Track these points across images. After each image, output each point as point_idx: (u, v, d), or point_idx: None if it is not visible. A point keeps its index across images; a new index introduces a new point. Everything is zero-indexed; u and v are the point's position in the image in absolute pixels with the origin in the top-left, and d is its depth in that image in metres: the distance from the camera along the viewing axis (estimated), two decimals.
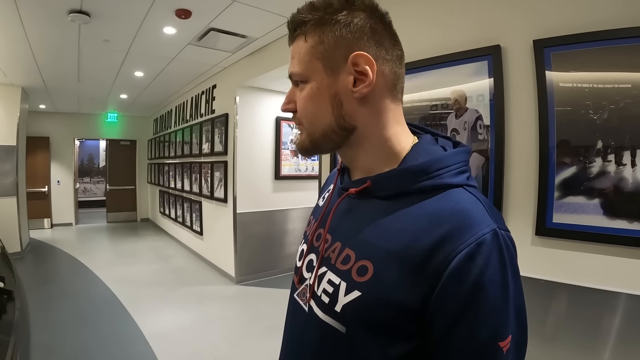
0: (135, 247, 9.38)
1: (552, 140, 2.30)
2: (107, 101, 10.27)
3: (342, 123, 0.88)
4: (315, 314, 0.89)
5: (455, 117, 2.79)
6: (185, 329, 4.71)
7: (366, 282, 0.79)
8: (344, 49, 0.85)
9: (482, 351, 0.71)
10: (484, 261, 0.71)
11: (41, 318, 4.87)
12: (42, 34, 4.93)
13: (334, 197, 1.03)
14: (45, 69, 6.76)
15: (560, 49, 2.27)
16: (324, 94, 0.87)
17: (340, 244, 0.90)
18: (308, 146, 0.93)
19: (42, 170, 11.31)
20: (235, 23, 4.57)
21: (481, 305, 0.71)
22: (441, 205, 0.79)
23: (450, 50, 2.85)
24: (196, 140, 8.07)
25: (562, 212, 2.27)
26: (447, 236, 0.73)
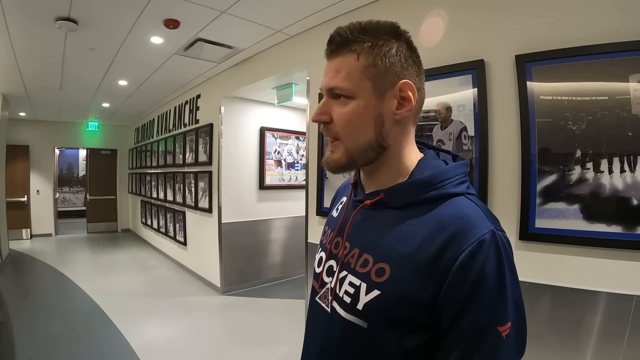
0: (118, 258, 9.30)
1: (533, 149, 2.42)
2: (88, 110, 10.21)
3: (380, 141, 0.98)
4: (337, 314, 1.01)
5: (441, 129, 2.89)
6: (173, 340, 4.69)
7: (384, 282, 0.92)
8: (393, 75, 0.96)
9: (483, 335, 0.83)
10: (484, 257, 0.83)
11: (25, 332, 4.80)
12: (27, 41, 4.92)
13: (349, 209, 1.13)
14: (28, 76, 6.71)
15: (541, 64, 2.40)
16: (369, 112, 0.96)
17: (359, 250, 1.01)
18: (344, 162, 1.00)
19: (21, 180, 11.17)
20: (223, 34, 4.62)
21: (481, 293, 0.83)
22: (446, 212, 0.91)
23: (436, 64, 2.95)
24: (179, 150, 8.06)
25: (544, 217, 2.38)
26: (452, 238, 0.86)
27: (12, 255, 9.03)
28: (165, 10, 3.95)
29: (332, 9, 3.78)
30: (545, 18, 2.42)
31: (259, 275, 7.00)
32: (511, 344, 0.85)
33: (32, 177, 11.48)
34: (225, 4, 3.77)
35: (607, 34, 2.17)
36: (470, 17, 2.81)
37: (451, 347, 0.86)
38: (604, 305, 2.17)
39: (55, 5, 3.87)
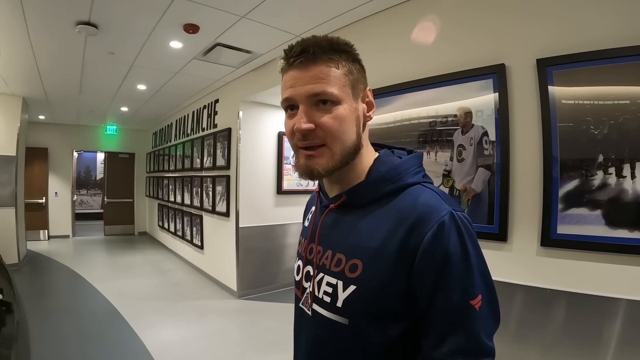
0: (134, 260, 9.35)
1: (555, 154, 2.40)
2: (106, 113, 10.30)
3: (359, 143, 1.05)
4: (319, 315, 1.07)
5: (462, 133, 2.88)
6: (189, 344, 4.69)
7: (358, 276, 0.99)
8: (362, 83, 1.07)
9: (458, 311, 0.91)
10: (446, 238, 0.91)
11: (41, 331, 4.83)
12: (48, 45, 4.98)
13: (317, 216, 1.20)
14: (47, 79, 6.80)
15: (562, 68, 2.37)
16: (352, 116, 1.02)
17: (331, 252, 1.08)
18: (332, 166, 1.02)
19: (39, 182, 11.31)
20: (242, 39, 4.64)
21: (449, 272, 0.91)
22: (405, 202, 1.00)
23: (456, 69, 2.95)
24: (197, 154, 8.09)
25: (566, 223, 2.36)
26: (414, 226, 0.94)
27: (30, 256, 9.11)
28: (185, 15, 3.97)
29: (351, 14, 3.80)
30: (566, 21, 2.40)
31: (275, 280, 6.98)
32: (485, 315, 0.93)
33: (50, 179, 11.62)
34: (244, 9, 3.80)
35: (629, 37, 2.15)
36: (490, 21, 2.80)
37: (430, 327, 0.93)
38: (624, 313, 2.14)
39: (75, 9, 3.91)
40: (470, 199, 2.83)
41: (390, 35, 3.56)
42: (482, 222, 2.75)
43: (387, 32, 3.60)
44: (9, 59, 5.63)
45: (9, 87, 7.35)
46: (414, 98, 3.26)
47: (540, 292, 2.43)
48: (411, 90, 3.28)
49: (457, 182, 2.92)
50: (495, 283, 2.44)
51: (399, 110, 3.38)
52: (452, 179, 2.95)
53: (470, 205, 2.84)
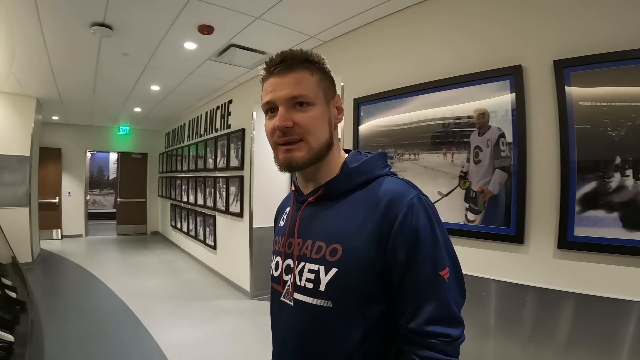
0: (147, 260, 9.40)
1: (572, 156, 2.38)
2: (119, 114, 10.37)
3: (330, 140, 1.19)
4: (302, 303, 1.14)
5: (478, 135, 2.87)
6: (202, 343, 4.70)
7: (339, 259, 1.08)
8: (332, 90, 1.21)
9: (430, 281, 1.03)
10: (415, 216, 1.04)
11: (55, 330, 4.86)
12: (62, 46, 5.01)
13: (294, 212, 1.28)
14: (62, 80, 6.85)
15: (580, 69, 2.36)
16: (325, 116, 1.17)
17: (311, 241, 1.16)
18: (308, 158, 1.14)
19: (53, 182, 11.43)
20: (256, 40, 4.65)
21: (420, 246, 1.03)
22: (378, 189, 1.12)
23: (473, 70, 2.95)
24: (211, 155, 8.11)
25: (582, 225, 2.35)
26: (387, 208, 1.06)
27: (43, 255, 9.18)
28: (199, 16, 3.99)
29: (365, 15, 3.79)
30: (583, 22, 2.39)
31: None
32: (453, 286, 1.06)
33: (63, 179, 11.75)
34: (259, 10, 3.81)
35: None
36: (507, 23, 2.79)
37: (405, 303, 1.04)
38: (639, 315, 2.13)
39: (90, 11, 3.94)
40: (487, 201, 2.82)
41: (406, 37, 3.56)
42: (499, 224, 2.75)
43: (403, 33, 3.60)
44: (23, 60, 5.68)
45: (23, 88, 7.41)
46: (430, 99, 3.26)
47: (556, 294, 2.42)
48: (427, 91, 3.27)
49: (474, 184, 2.91)
50: (511, 285, 2.44)
51: (414, 111, 3.38)
52: (469, 181, 2.95)
53: (487, 207, 2.83)
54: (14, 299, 4.99)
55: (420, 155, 3.31)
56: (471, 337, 2.84)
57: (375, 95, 3.76)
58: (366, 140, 3.85)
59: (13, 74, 6.42)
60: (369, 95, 3.84)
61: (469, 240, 2.96)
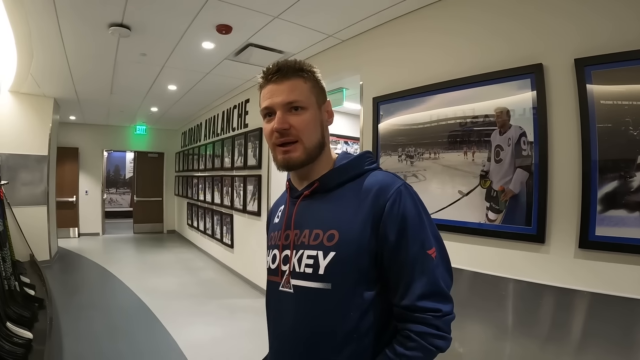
0: (163, 258, 9.47)
1: (594, 155, 2.35)
2: (136, 114, 10.45)
3: (322, 141, 1.31)
4: (302, 287, 1.22)
5: (499, 134, 2.84)
6: (219, 342, 4.72)
7: (336, 243, 1.17)
8: (323, 95, 1.33)
9: (419, 258, 1.14)
10: (404, 201, 1.17)
11: (73, 327, 4.89)
12: (80, 47, 5.05)
13: (290, 206, 1.37)
14: (79, 81, 6.90)
15: (601, 67, 2.33)
16: (317, 119, 1.28)
17: (309, 230, 1.26)
18: (304, 158, 1.25)
19: (70, 181, 11.56)
20: (274, 39, 4.64)
21: (408, 228, 1.14)
22: (368, 181, 1.24)
23: (493, 68, 2.92)
24: (227, 154, 8.14)
25: (604, 225, 2.32)
26: (378, 195, 1.18)
27: (60, 253, 9.29)
28: (218, 15, 4.00)
29: (385, 13, 3.77)
30: (604, 20, 2.36)
31: None
32: (440, 264, 1.17)
33: (81, 178, 11.88)
34: (277, 9, 3.81)
35: None
36: (528, 21, 2.76)
37: (398, 278, 1.15)
38: None
39: (109, 11, 3.97)
40: (508, 200, 2.79)
41: (426, 34, 3.54)
42: (520, 223, 2.72)
43: (422, 31, 3.58)
44: (41, 61, 5.72)
45: (40, 88, 7.47)
46: (450, 98, 3.23)
47: (577, 294, 2.39)
48: (447, 90, 3.25)
49: (495, 183, 2.88)
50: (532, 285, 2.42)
51: (435, 110, 3.36)
52: (490, 180, 2.92)
53: (508, 207, 2.80)
54: (32, 297, 5.09)
55: (440, 154, 3.29)
56: (491, 337, 2.84)
57: (394, 94, 3.74)
58: (386, 139, 3.83)
59: (31, 74, 6.47)
60: (388, 94, 3.81)
61: (490, 240, 2.94)
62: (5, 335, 3.48)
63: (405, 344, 1.11)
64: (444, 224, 3.19)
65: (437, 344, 1.10)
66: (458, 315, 1.19)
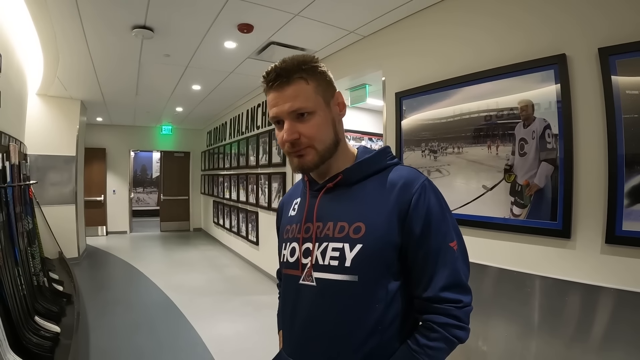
0: (190, 255, 9.56)
1: (620, 147, 2.29)
2: (162, 114, 10.57)
3: (337, 138, 1.27)
4: (327, 280, 1.20)
5: (524, 127, 2.79)
6: (245, 337, 4.74)
7: (363, 235, 1.17)
8: (331, 89, 1.27)
9: (442, 250, 1.15)
10: (427, 195, 1.18)
11: (100, 322, 4.99)
12: (105, 49, 5.12)
13: (311, 199, 1.35)
14: (105, 83, 7.01)
15: (626, 56, 2.26)
16: (327, 119, 1.24)
17: (332, 222, 1.24)
18: (318, 160, 1.23)
19: (98, 180, 11.77)
20: (296, 36, 4.64)
21: (432, 222, 1.16)
22: (393, 175, 1.25)
23: (515, 60, 2.87)
24: (252, 152, 8.16)
25: (631, 219, 2.25)
26: (403, 189, 1.19)
27: (89, 250, 9.49)
28: (239, 15, 4.01)
29: (406, 7, 3.73)
30: (627, 7, 2.29)
31: None
32: (460, 257, 1.19)
33: (108, 178, 12.11)
34: (298, 7, 3.80)
35: None
36: (549, 10, 2.70)
37: (421, 270, 1.16)
38: None
39: (131, 14, 4.02)
40: (533, 195, 2.74)
41: (447, 27, 3.50)
42: (545, 218, 2.67)
43: (443, 24, 3.53)
44: (67, 64, 5.82)
45: (67, 91, 7.62)
46: (473, 91, 3.19)
47: (604, 291, 2.33)
48: (470, 83, 3.21)
49: (520, 177, 2.83)
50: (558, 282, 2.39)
51: (458, 104, 3.31)
52: (514, 174, 2.87)
53: (533, 201, 2.75)
54: (60, 292, 5.21)
55: (464, 149, 3.25)
56: (515, 334, 2.79)
57: (416, 89, 3.70)
58: (409, 135, 3.80)
59: (58, 78, 6.59)
60: (410, 88, 3.78)
61: (515, 235, 2.88)
62: (33, 328, 3.54)
63: (428, 335, 1.12)
64: (468, 219, 3.16)
65: (458, 335, 1.12)
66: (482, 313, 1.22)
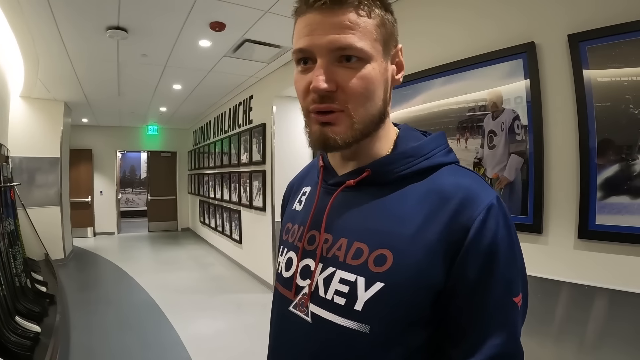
0: (176, 255, 9.55)
1: (592, 137, 2.22)
2: (147, 114, 10.52)
3: (385, 110, 0.87)
4: (325, 321, 0.84)
5: (492, 119, 2.74)
6: (224, 336, 4.75)
7: (387, 270, 0.78)
8: (394, 38, 0.86)
9: (501, 307, 0.76)
10: (495, 224, 0.75)
11: (82, 322, 5.00)
12: (82, 51, 5.08)
13: (322, 196, 0.97)
14: (86, 84, 6.96)
15: (596, 42, 2.19)
16: (382, 77, 0.83)
17: (347, 240, 0.85)
18: (351, 139, 0.82)
19: (85, 181, 11.69)
20: (269, 33, 4.61)
21: (497, 265, 0.74)
22: (445, 182, 0.82)
23: (483, 50, 2.81)
24: (235, 151, 8.14)
25: (605, 213, 2.19)
26: (460, 208, 0.76)
27: (75, 251, 9.44)
28: (209, 13, 3.98)
29: None
30: None
31: None
32: (521, 315, 0.80)
33: (95, 179, 12.02)
34: (267, 3, 3.77)
35: None
36: None
37: (466, 328, 0.77)
38: None
39: (104, 15, 3.99)
40: (503, 188, 2.70)
41: (414, 21, 3.43)
42: (516, 212, 2.61)
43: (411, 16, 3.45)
44: (47, 66, 5.79)
45: (50, 93, 7.57)
46: (441, 84, 3.15)
47: (578, 288, 2.28)
48: (438, 76, 3.16)
49: (489, 171, 2.78)
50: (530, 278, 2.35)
51: (427, 98, 3.27)
52: (484, 167, 2.82)
53: (503, 195, 2.69)
54: (43, 293, 5.24)
55: None
56: None
57: None
58: None
59: (40, 80, 6.55)
60: None
61: None
62: (13, 328, 3.54)
63: None
64: None
65: None
66: None
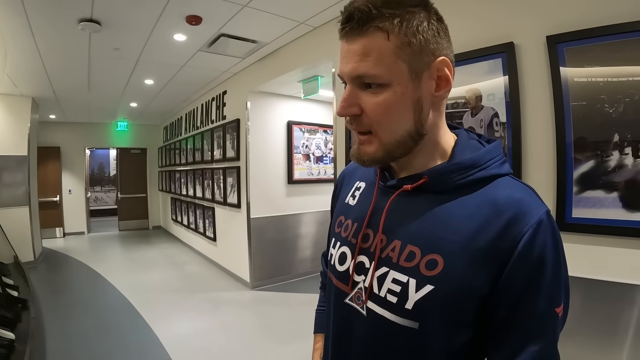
0: (148, 254, 9.44)
1: (568, 135, 2.31)
2: (117, 110, 10.34)
3: (419, 128, 0.88)
4: (378, 316, 0.90)
5: (471, 115, 2.79)
6: (203, 335, 4.71)
7: (438, 275, 0.83)
8: (429, 53, 0.84)
9: (543, 316, 0.80)
10: (543, 239, 0.79)
11: (56, 326, 4.90)
12: (52, 44, 4.97)
13: (380, 196, 1.01)
14: (55, 78, 6.81)
15: (574, 44, 2.28)
16: (407, 99, 0.84)
17: (401, 242, 0.90)
18: (380, 157, 0.89)
19: (53, 180, 11.44)
20: (246, 28, 4.58)
21: (543, 279, 0.79)
22: (497, 193, 0.85)
23: (463, 49, 2.84)
24: (207, 147, 8.10)
25: (581, 206, 2.28)
26: (511, 221, 0.80)
27: (45, 253, 9.22)
28: (186, 6, 3.92)
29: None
30: None
31: (289, 270, 6.98)
32: (561, 325, 0.84)
33: (63, 177, 11.76)
34: None
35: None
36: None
37: (505, 338, 0.82)
38: None
39: (77, 6, 3.89)
40: None
41: None
42: None
43: None
44: (16, 60, 5.64)
45: (17, 88, 7.38)
46: None
47: None
48: None
49: None
50: None
51: None
52: None
53: None
54: (15, 298, 5.07)
55: None
56: None
57: None
58: None
59: (7, 74, 6.39)
60: None
61: None
62: None
63: None
64: None
65: None
66: None
